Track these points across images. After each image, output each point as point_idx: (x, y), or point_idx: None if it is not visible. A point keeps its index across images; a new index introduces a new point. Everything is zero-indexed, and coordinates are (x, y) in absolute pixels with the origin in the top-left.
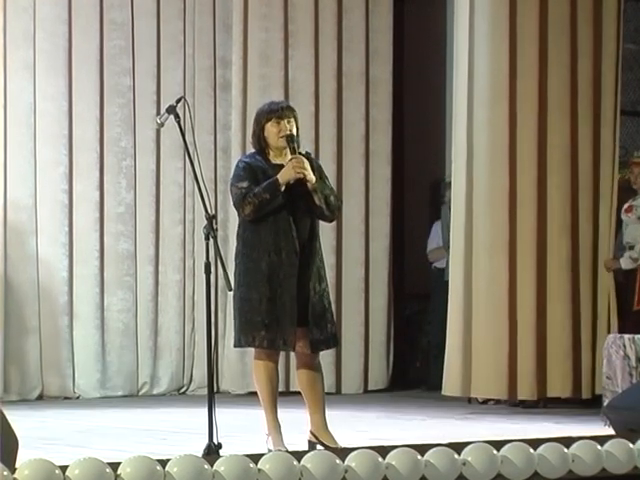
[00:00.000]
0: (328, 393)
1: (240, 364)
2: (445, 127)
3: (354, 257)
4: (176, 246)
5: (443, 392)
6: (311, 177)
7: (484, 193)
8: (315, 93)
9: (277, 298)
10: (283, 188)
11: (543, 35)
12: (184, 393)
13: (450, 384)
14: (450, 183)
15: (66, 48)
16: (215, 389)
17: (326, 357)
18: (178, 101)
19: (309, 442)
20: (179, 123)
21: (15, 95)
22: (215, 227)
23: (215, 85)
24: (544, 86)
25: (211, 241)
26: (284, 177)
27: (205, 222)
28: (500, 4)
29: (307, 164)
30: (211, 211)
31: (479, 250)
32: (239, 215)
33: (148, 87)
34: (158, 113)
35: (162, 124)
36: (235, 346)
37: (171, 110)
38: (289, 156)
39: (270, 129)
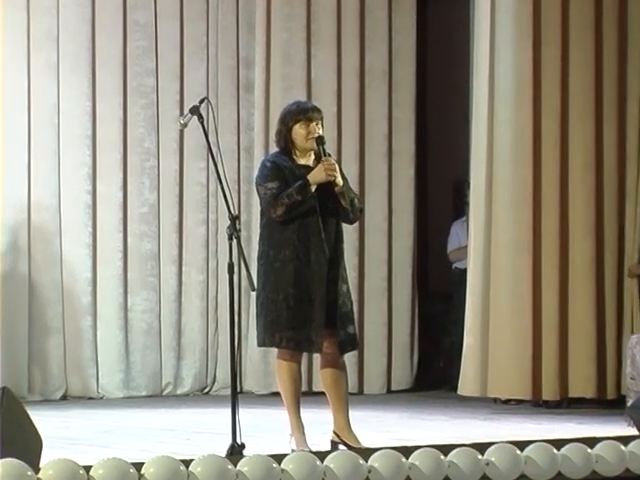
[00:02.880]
0: (351, 393)
1: (263, 364)
2: (469, 126)
3: (377, 257)
4: (199, 246)
5: (459, 392)
6: (340, 180)
7: (507, 193)
8: (338, 92)
9: (305, 299)
10: (314, 189)
11: (566, 35)
12: (207, 393)
13: (466, 384)
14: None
15: (89, 49)
16: (238, 389)
17: (349, 357)
18: (201, 101)
19: (332, 442)
20: (202, 123)
21: (39, 96)
22: (238, 227)
23: (238, 85)
24: (567, 85)
25: (234, 241)
26: (315, 179)
27: (228, 222)
28: (523, 4)
29: (337, 167)
30: (234, 211)
31: (500, 250)
32: (267, 215)
33: (171, 88)
34: (181, 114)
35: (185, 124)
36: (259, 345)
37: (194, 111)
38: (313, 157)
39: (298, 130)
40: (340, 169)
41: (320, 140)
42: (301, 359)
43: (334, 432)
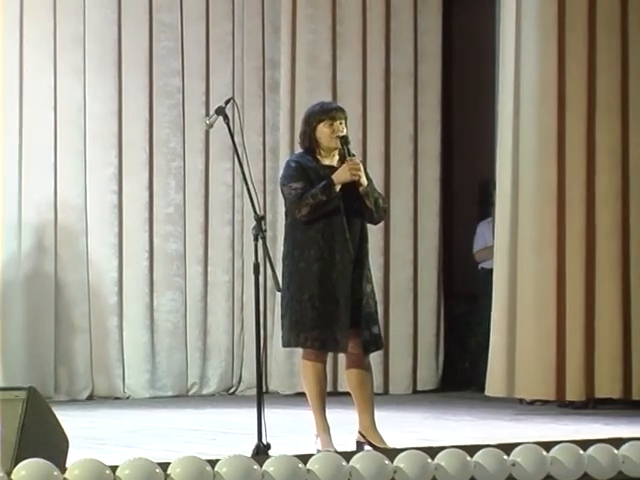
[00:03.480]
0: (376, 394)
1: (288, 364)
2: (494, 127)
3: (402, 257)
4: (225, 247)
5: (486, 393)
6: (364, 180)
7: (532, 193)
8: (363, 94)
9: (330, 299)
10: (338, 189)
11: (592, 35)
12: (233, 393)
13: (493, 385)
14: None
15: (115, 50)
16: (264, 389)
17: (374, 357)
18: (227, 102)
19: (357, 442)
20: (228, 124)
21: (65, 97)
22: (264, 228)
23: (264, 86)
24: (593, 85)
25: (260, 242)
26: (339, 178)
27: (254, 223)
28: (549, 4)
29: (361, 167)
30: (260, 212)
31: (525, 249)
32: (291, 215)
33: (197, 88)
34: (207, 114)
35: (211, 125)
36: (284, 346)
37: (220, 111)
38: (337, 157)
39: (322, 130)
40: (365, 169)
41: (344, 140)
42: (326, 359)
43: (359, 432)
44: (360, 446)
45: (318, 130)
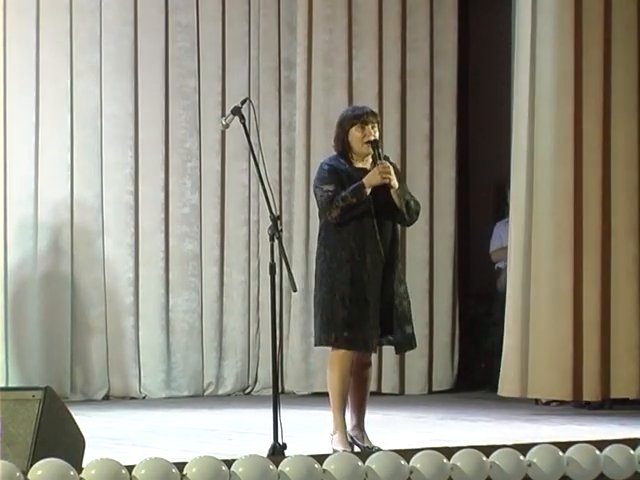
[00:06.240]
0: (392, 394)
1: (304, 365)
2: (510, 127)
3: (418, 258)
4: (241, 247)
5: (499, 393)
6: (395, 183)
7: (548, 193)
8: (379, 94)
9: (361, 300)
10: (369, 192)
11: (608, 35)
12: (249, 393)
13: (507, 385)
14: None
15: (132, 50)
16: (279, 389)
17: (390, 358)
18: (243, 102)
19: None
20: (244, 124)
21: (81, 97)
22: (280, 228)
23: (280, 86)
24: (609, 86)
25: (276, 242)
26: (370, 181)
27: (270, 223)
28: (565, 4)
29: (392, 170)
30: (276, 212)
31: (541, 250)
32: (323, 217)
33: (213, 89)
34: (223, 114)
35: (227, 125)
36: (316, 345)
37: (236, 111)
38: (370, 160)
39: (354, 134)
40: (397, 171)
41: (375, 143)
42: (354, 358)
43: (348, 432)
44: (350, 446)
45: (350, 134)
